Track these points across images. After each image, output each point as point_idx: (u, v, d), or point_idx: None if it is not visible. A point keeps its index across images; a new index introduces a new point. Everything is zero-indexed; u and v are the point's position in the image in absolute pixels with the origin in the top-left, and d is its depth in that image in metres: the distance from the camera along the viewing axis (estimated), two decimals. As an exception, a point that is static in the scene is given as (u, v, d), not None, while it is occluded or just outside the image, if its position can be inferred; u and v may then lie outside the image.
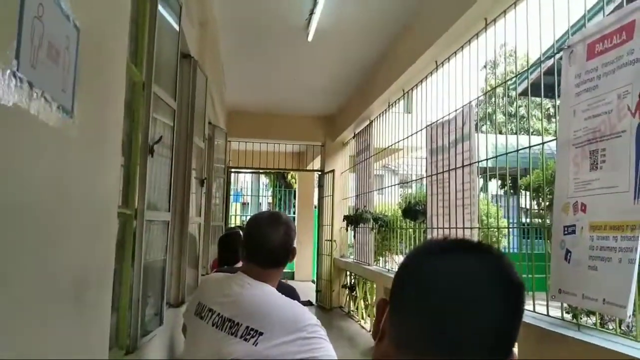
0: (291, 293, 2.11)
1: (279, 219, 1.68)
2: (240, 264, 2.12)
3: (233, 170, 8.76)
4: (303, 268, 10.97)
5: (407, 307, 0.69)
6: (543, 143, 2.55)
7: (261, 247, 1.60)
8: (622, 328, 2.42)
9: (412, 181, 6.36)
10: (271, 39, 4.95)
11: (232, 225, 7.63)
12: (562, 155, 2.35)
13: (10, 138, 0.78)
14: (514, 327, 0.67)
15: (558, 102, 2.48)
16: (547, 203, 2.96)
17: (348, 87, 6.53)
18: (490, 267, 0.68)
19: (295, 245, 1.69)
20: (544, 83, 3.01)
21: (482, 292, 0.65)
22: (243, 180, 16.30)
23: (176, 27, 2.49)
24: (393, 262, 5.87)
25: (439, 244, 0.74)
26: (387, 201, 6.71)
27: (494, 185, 7.57)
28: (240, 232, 3.03)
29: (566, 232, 2.29)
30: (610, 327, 2.13)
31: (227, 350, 1.44)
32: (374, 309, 0.73)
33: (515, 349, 0.70)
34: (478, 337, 0.64)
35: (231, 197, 10.24)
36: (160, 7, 2.13)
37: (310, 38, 4.57)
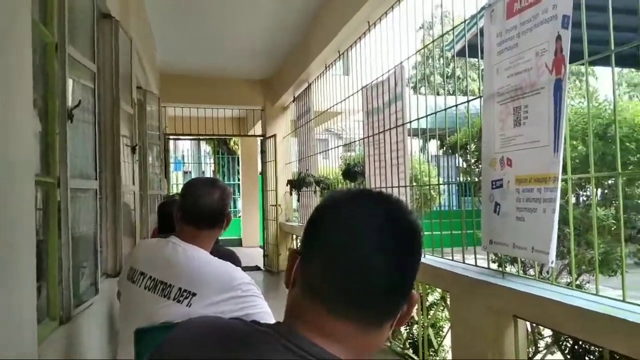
0: (230, 257, 2.11)
1: (215, 182, 1.69)
2: None
3: (171, 137, 8.53)
4: (250, 234, 10.97)
5: (311, 255, 0.71)
6: (468, 101, 2.63)
7: (196, 208, 1.60)
8: (542, 274, 2.59)
9: (350, 143, 6.42)
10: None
11: (173, 194, 7.48)
12: (487, 113, 2.43)
13: None
14: (410, 269, 0.71)
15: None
16: (474, 160, 3.08)
17: (285, 48, 6.41)
18: (387, 213, 0.71)
19: (230, 213, 1.69)
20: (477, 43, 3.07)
21: (377, 237, 0.68)
22: (183, 148, 15.93)
23: (92, -17, 2.34)
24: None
25: (341, 195, 0.76)
26: (332, 165, 6.77)
27: (434, 145, 7.80)
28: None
29: (494, 187, 2.39)
30: (531, 274, 2.27)
31: (161, 313, 1.44)
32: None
33: (415, 291, 0.73)
34: (376, 286, 0.67)
35: (172, 166, 10.01)
36: (71, -39, 1.99)
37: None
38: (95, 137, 2.30)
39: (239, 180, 12.33)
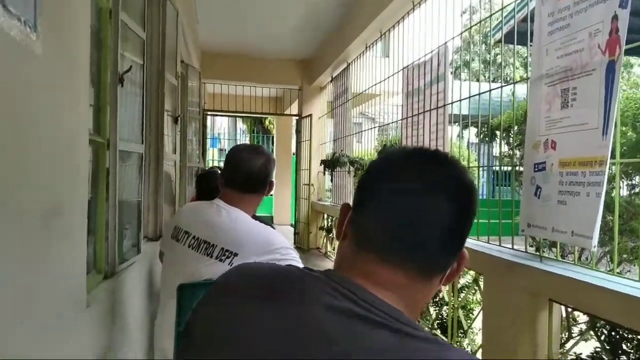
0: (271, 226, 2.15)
1: (260, 149, 1.73)
2: None
3: (209, 113, 8.64)
4: (282, 212, 11.10)
5: (366, 206, 0.72)
6: (514, 83, 2.58)
7: (240, 170, 1.64)
8: (581, 259, 2.54)
9: (387, 124, 6.38)
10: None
11: (211, 167, 7.62)
12: (534, 95, 2.38)
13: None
14: (465, 226, 0.72)
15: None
16: (517, 143, 3.02)
17: (325, 27, 6.36)
18: (444, 169, 0.72)
19: (273, 180, 1.72)
20: (522, 30, 2.99)
21: (435, 190, 0.69)
22: (220, 126, 16.11)
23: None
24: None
25: (397, 151, 0.77)
26: (366, 147, 6.75)
27: (472, 133, 7.69)
28: (218, 172, 3.04)
29: (536, 169, 2.35)
30: (570, 259, 2.23)
31: (204, 271, 1.49)
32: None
33: (465, 250, 0.74)
34: (431, 236, 0.69)
35: (208, 142, 10.15)
36: None
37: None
38: (143, 103, 2.36)
39: (273, 159, 12.42)
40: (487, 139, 5.48)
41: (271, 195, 11.57)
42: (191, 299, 1.46)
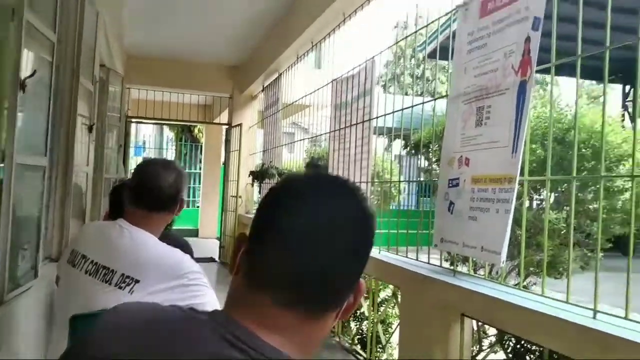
0: (182, 246, 2.05)
1: (170, 164, 1.63)
2: None
3: (134, 120, 8.31)
4: (208, 225, 10.80)
5: (260, 239, 0.68)
6: (435, 99, 2.65)
7: (147, 187, 1.53)
8: (492, 273, 2.64)
9: (315, 136, 6.40)
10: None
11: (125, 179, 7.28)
12: (451, 112, 2.45)
13: None
14: (362, 260, 0.69)
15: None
16: (437, 158, 3.11)
17: (257, 35, 6.28)
18: (342, 200, 0.69)
19: (184, 197, 1.63)
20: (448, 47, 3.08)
21: (331, 225, 0.66)
22: (145, 133, 15.54)
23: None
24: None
25: (297, 179, 0.74)
26: (297, 158, 6.73)
27: (398, 145, 7.88)
28: None
29: (450, 185, 2.42)
30: (482, 273, 2.31)
31: (100, 299, 1.37)
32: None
33: (362, 280, 0.72)
34: (326, 272, 0.65)
35: (132, 150, 9.75)
36: None
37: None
38: (49, 111, 2.20)
39: (200, 169, 12.13)
40: (412, 151, 5.61)
41: (197, 207, 11.28)
42: (85, 331, 1.34)
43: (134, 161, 13.07)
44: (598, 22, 3.01)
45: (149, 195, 1.53)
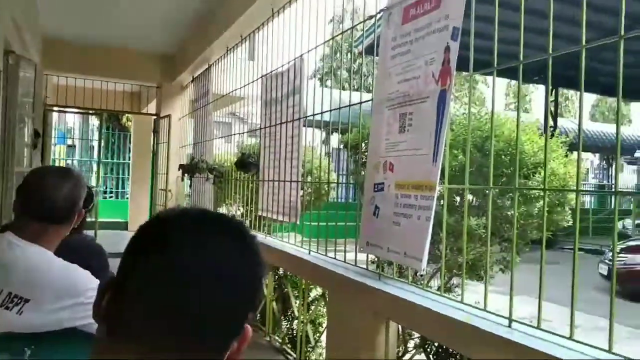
0: (94, 253, 1.91)
1: (68, 172, 1.49)
2: None
3: (54, 109, 7.80)
4: (138, 217, 10.34)
5: (131, 287, 0.61)
6: (361, 103, 2.63)
7: (39, 196, 1.39)
8: (417, 276, 2.69)
9: (252, 130, 6.27)
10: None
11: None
12: (376, 116, 2.44)
13: None
14: (246, 309, 0.64)
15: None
16: (364, 160, 3.12)
17: (186, 23, 6.03)
18: (224, 248, 0.64)
19: (82, 208, 1.50)
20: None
21: (211, 275, 0.61)
22: (71, 121, 14.73)
23: None
24: (228, 213, 5.81)
25: (174, 217, 0.67)
26: (233, 150, 6.57)
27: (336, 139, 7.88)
28: None
29: (376, 189, 2.41)
30: (406, 274, 2.32)
31: None
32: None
33: (248, 327, 0.66)
34: (204, 323, 0.60)
35: (53, 139, 9.18)
36: None
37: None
38: None
39: (129, 159, 11.63)
40: (347, 147, 5.63)
41: (126, 199, 10.81)
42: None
43: (56, 149, 12.35)
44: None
45: (40, 207, 1.39)
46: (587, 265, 8.08)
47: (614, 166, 20.11)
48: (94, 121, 14.99)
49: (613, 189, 2.28)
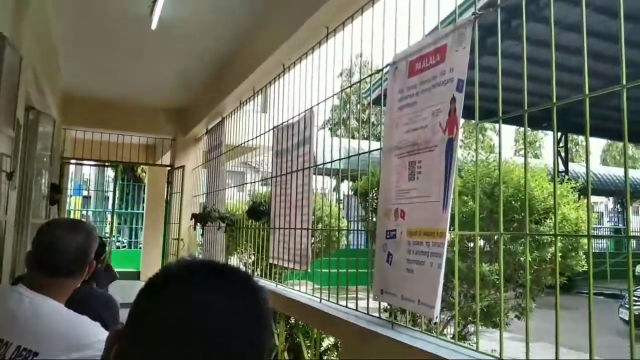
0: (105, 305, 1.93)
1: (80, 224, 1.52)
2: None
3: (71, 162, 7.99)
4: (151, 267, 10.36)
5: (137, 337, 0.63)
6: (370, 152, 2.69)
7: (51, 250, 1.41)
8: (430, 324, 2.65)
9: (263, 180, 6.36)
10: (111, 24, 4.62)
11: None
12: (386, 164, 2.49)
13: None
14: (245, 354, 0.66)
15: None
16: (374, 207, 3.15)
17: (199, 80, 6.30)
18: (225, 297, 0.65)
19: (93, 259, 1.52)
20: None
21: (220, 330, 0.62)
22: (87, 173, 15.00)
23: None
24: (239, 261, 5.82)
25: (185, 267, 0.69)
26: (244, 198, 6.65)
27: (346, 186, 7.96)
28: None
29: (388, 237, 2.43)
30: (420, 322, 2.30)
31: None
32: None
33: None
34: None
35: (69, 191, 9.33)
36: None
37: (154, 26, 4.32)
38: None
39: (143, 209, 11.75)
40: (357, 194, 5.65)
41: (139, 248, 10.84)
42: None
43: (72, 200, 12.52)
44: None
45: (50, 260, 1.42)
46: (607, 310, 7.86)
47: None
48: (109, 172, 15.27)
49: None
